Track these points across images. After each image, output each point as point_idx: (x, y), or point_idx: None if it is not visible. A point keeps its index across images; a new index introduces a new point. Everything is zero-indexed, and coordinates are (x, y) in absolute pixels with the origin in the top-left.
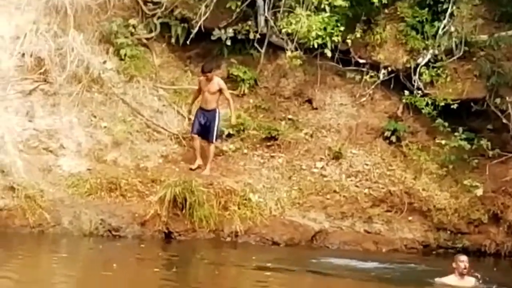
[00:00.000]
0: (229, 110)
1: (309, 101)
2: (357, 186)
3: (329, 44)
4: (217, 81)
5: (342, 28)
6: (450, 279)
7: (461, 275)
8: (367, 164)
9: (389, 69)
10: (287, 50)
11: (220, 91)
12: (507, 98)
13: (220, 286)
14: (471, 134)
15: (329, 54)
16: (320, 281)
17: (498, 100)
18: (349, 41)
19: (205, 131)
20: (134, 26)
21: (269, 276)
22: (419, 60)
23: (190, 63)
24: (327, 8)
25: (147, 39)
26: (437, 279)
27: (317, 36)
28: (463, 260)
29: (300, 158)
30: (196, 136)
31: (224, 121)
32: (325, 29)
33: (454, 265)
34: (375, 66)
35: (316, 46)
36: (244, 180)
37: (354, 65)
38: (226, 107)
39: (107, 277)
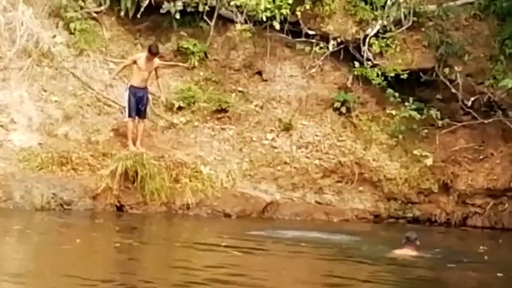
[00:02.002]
0: (160, 90)
1: (259, 73)
2: (307, 157)
3: (277, 17)
4: (157, 62)
5: (290, 1)
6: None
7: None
8: (317, 135)
9: (339, 40)
10: (236, 22)
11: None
12: (455, 68)
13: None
14: (421, 104)
15: (277, 26)
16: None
17: (447, 70)
18: (298, 13)
19: (139, 109)
20: (83, 0)
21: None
22: (368, 31)
23: (140, 36)
24: None
25: (96, 12)
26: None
27: (266, 9)
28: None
29: (250, 130)
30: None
31: (175, 94)
32: (274, 1)
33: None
34: (324, 38)
35: (265, 18)
36: (195, 152)
37: (304, 37)
38: (177, 80)
39: (67, 250)
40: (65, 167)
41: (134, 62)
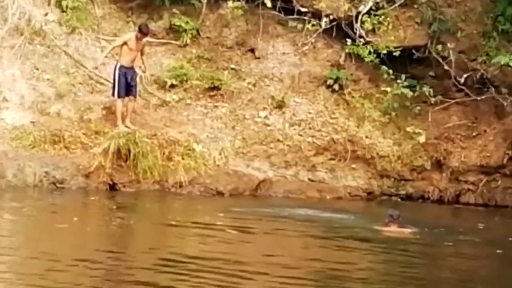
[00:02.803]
0: (143, 66)
1: (252, 51)
2: (300, 135)
3: None
4: (145, 40)
5: None
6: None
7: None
8: (310, 113)
9: (331, 17)
10: (228, 0)
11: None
12: (448, 44)
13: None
14: (413, 81)
15: (269, 4)
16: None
17: (439, 47)
18: None
19: (129, 89)
20: None
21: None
22: (361, 8)
23: (132, 14)
24: None
25: None
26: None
27: None
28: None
29: (243, 108)
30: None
31: (167, 72)
32: None
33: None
34: (317, 15)
35: None
36: (188, 130)
37: (296, 14)
38: (169, 58)
39: (63, 229)
40: (58, 145)
41: (124, 43)
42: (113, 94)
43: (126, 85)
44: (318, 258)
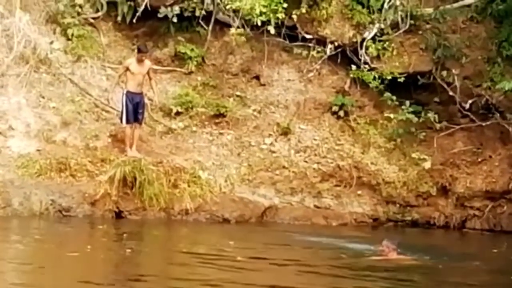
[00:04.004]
0: (153, 92)
1: (257, 78)
2: (306, 162)
3: (272, 21)
4: (148, 64)
5: (285, 5)
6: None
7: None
8: (315, 139)
9: (336, 44)
10: (233, 27)
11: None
12: (453, 70)
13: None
14: (418, 107)
15: (272, 31)
16: None
17: (444, 73)
18: (295, 16)
19: (136, 115)
20: (80, 6)
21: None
22: (365, 35)
23: (137, 41)
24: None
25: (94, 18)
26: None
27: (261, 13)
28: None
29: (249, 135)
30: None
31: (172, 99)
32: (269, 5)
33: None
34: (321, 41)
35: (260, 23)
36: (194, 157)
37: (301, 41)
38: (175, 85)
39: (75, 257)
40: (64, 173)
41: (127, 69)
42: (121, 121)
43: (134, 111)
44: None
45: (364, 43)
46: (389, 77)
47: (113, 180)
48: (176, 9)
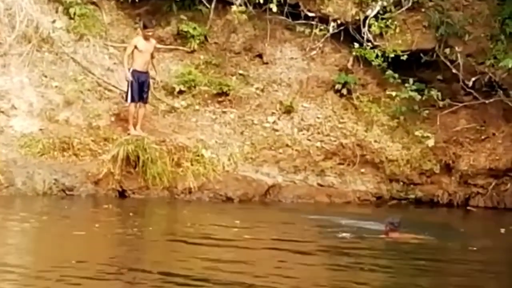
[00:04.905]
0: (155, 70)
1: (260, 56)
2: (309, 140)
3: None
4: (153, 42)
5: None
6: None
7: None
8: (318, 118)
9: (339, 21)
10: (235, 4)
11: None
12: (456, 48)
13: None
14: (421, 85)
15: (274, 9)
16: None
17: (447, 50)
18: None
19: (141, 94)
20: None
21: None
22: (368, 12)
23: (140, 20)
24: None
25: None
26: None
27: None
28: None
29: (251, 113)
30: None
31: (175, 78)
32: None
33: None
34: (324, 19)
35: (262, 1)
36: (196, 136)
37: (304, 19)
38: (177, 64)
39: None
40: (67, 152)
41: (135, 47)
42: (126, 99)
43: (140, 90)
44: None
45: (367, 21)
46: (392, 55)
47: (116, 159)
48: None
